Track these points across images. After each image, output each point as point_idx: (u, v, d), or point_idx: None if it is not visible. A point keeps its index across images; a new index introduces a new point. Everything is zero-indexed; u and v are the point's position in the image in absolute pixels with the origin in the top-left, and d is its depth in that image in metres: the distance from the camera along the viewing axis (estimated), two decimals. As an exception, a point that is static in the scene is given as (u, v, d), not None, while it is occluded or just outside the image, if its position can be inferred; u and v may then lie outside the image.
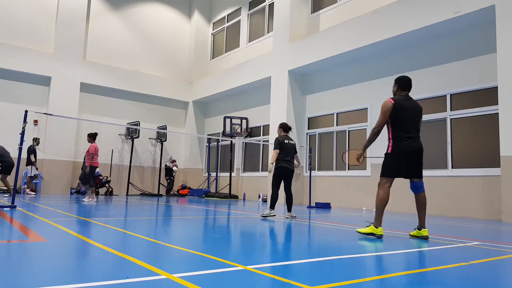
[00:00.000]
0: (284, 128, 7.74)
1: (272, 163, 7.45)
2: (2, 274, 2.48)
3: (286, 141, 7.56)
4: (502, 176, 8.29)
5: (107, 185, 14.79)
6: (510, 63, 8.35)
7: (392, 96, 5.00)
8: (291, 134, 7.92)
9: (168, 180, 16.30)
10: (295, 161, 7.67)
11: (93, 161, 10.24)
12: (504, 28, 8.49)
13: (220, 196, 15.68)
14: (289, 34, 13.85)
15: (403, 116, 4.72)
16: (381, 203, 4.70)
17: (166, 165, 16.59)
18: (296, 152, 7.74)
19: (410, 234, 4.91)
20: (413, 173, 4.79)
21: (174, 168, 16.31)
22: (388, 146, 4.80)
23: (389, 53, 11.51)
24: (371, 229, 4.68)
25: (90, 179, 10.47)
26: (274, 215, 7.36)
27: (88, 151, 10.35)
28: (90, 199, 10.27)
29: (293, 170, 7.55)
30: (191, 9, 19.98)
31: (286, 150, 7.48)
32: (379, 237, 4.65)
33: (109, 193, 15.00)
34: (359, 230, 4.87)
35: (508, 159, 8.18)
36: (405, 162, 4.72)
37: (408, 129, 4.72)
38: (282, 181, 7.49)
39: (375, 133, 4.81)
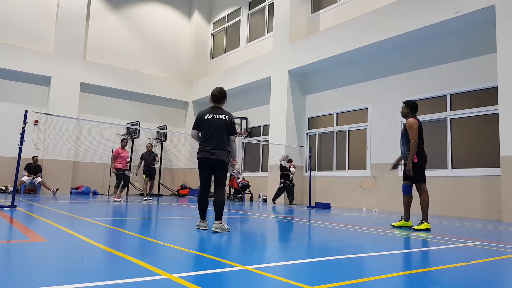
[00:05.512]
0: (214, 96, 5.03)
1: None
2: (2, 274, 2.48)
3: (207, 115, 4.92)
4: (502, 176, 8.29)
5: (248, 189, 14.10)
6: (510, 63, 8.35)
7: (402, 115, 6.29)
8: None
9: (281, 184, 12.56)
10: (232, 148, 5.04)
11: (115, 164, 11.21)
12: (504, 28, 8.48)
13: (220, 196, 15.59)
14: (289, 34, 13.85)
15: (421, 132, 6.05)
16: (427, 203, 5.92)
17: (281, 165, 12.65)
18: (232, 133, 5.00)
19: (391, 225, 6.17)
20: None
21: (292, 169, 12.56)
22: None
23: (389, 53, 11.50)
24: (426, 225, 5.75)
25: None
26: (206, 229, 4.88)
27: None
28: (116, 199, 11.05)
29: (221, 159, 4.82)
30: (191, 9, 19.98)
31: (207, 129, 4.86)
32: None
33: (250, 198, 14.51)
34: (415, 227, 5.81)
35: (508, 159, 8.18)
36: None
37: (423, 142, 6.07)
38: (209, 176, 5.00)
39: (415, 145, 5.85)
